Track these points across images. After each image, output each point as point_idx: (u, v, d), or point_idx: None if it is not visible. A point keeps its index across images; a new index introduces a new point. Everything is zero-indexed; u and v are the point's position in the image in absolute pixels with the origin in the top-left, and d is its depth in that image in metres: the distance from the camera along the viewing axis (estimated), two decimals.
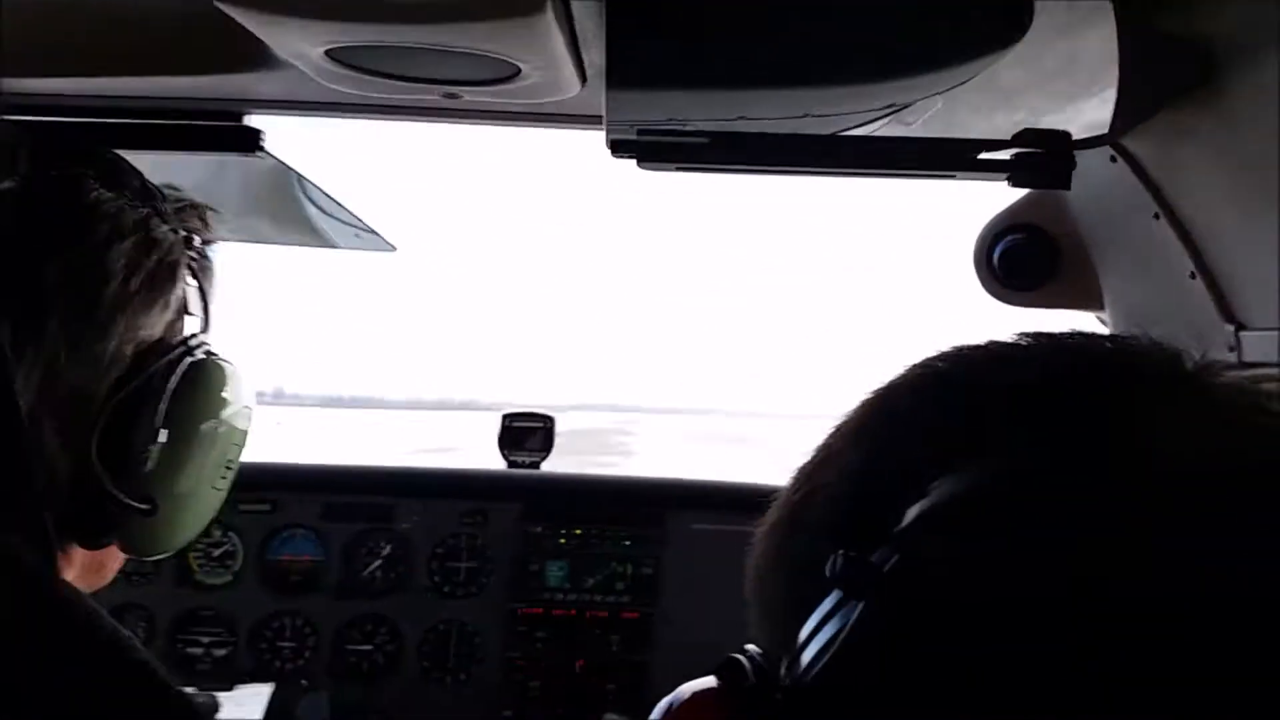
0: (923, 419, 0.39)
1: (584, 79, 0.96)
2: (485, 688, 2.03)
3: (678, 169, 1.05)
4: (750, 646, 0.43)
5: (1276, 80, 0.83)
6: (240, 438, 0.88)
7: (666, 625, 2.03)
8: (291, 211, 1.31)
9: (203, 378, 0.83)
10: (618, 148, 1.01)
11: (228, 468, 0.87)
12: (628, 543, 2.05)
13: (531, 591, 2.05)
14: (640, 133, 1.01)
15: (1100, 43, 0.93)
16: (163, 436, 0.79)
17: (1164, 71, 0.92)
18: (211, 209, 0.91)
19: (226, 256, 0.94)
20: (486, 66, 0.88)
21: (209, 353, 0.85)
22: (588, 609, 2.04)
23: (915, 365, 0.42)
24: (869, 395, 0.42)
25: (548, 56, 0.87)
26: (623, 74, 0.93)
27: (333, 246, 1.43)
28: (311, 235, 1.38)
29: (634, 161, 1.03)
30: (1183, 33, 0.87)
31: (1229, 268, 0.98)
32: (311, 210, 1.30)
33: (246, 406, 0.89)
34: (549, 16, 0.77)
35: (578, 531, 2.06)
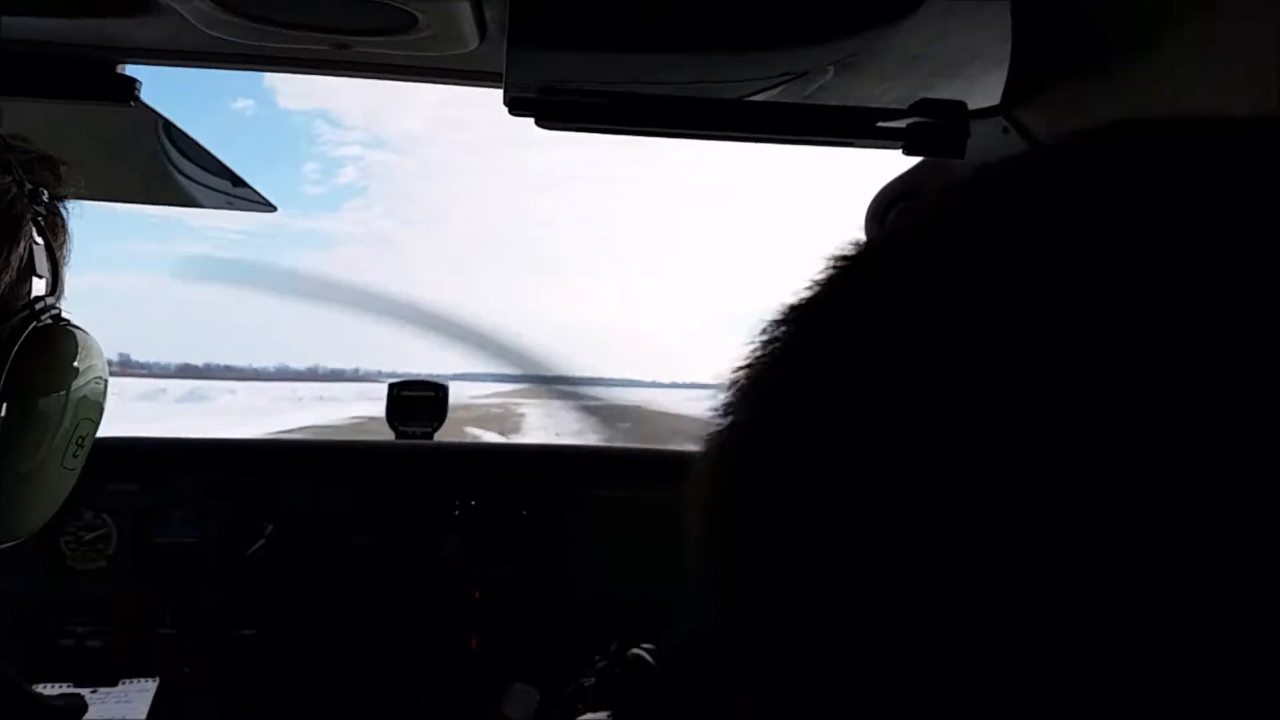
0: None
1: (483, 33, 0.93)
2: (390, 669, 1.98)
3: (577, 129, 1.03)
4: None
5: (1163, 60, 0.86)
6: (94, 412, 0.81)
7: (569, 595, 2.02)
8: (163, 167, 1.23)
9: (50, 345, 0.76)
10: (516, 105, 0.98)
11: (79, 445, 0.79)
12: (525, 513, 2.03)
13: (427, 568, 2.01)
14: (540, 91, 0.98)
15: (993, 13, 0.96)
16: (3, 410, 0.71)
17: (1055, 43, 0.94)
18: (64, 163, 0.83)
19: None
20: (381, 14, 0.84)
21: (57, 318, 0.77)
22: (486, 583, 2.01)
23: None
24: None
25: (446, 6, 0.83)
26: (525, 30, 0.90)
27: (206, 206, 1.35)
28: (184, 193, 1.30)
29: (532, 120, 1.00)
30: (1075, 8, 0.89)
31: None
32: (186, 166, 1.22)
33: (99, 378, 0.81)
34: None
35: (473, 503, 2.02)
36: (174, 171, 1.25)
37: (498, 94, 1.00)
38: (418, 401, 2.10)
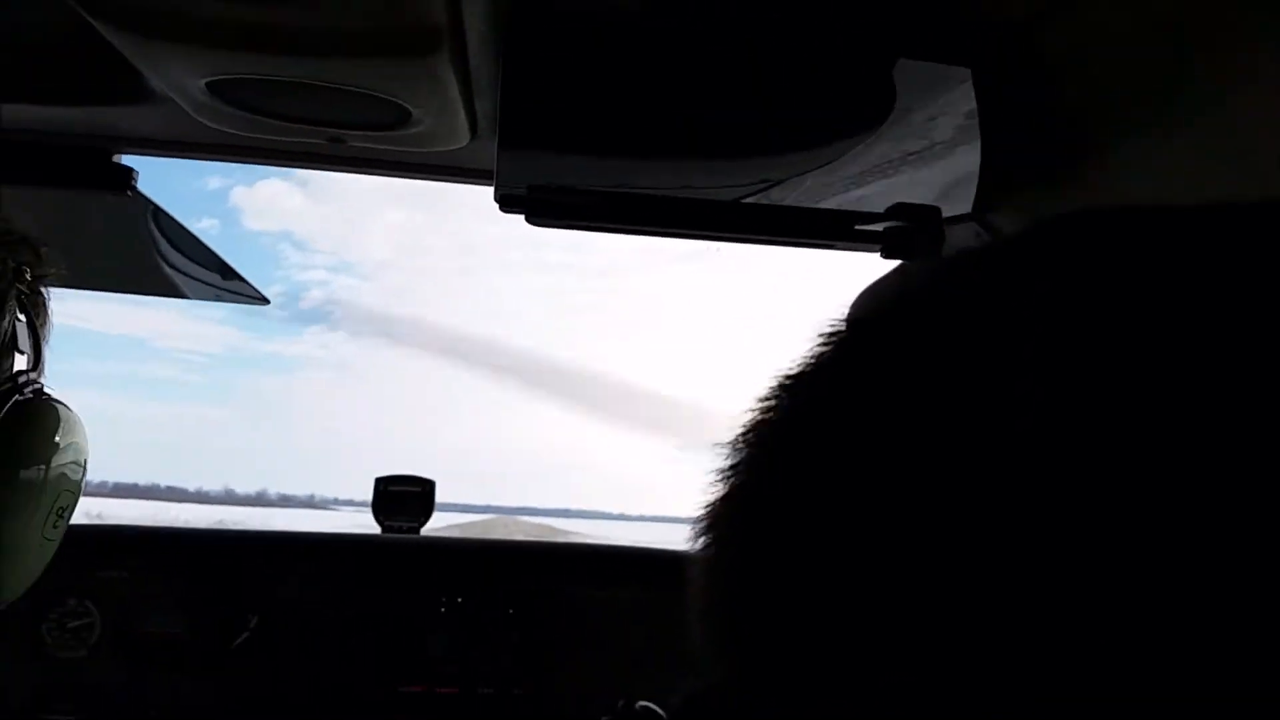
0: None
1: (474, 130, 0.96)
2: None
3: (567, 226, 1.05)
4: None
5: (1130, 165, 0.89)
6: (74, 485, 0.83)
7: (557, 694, 1.96)
8: (156, 257, 1.25)
9: (33, 418, 0.79)
10: (506, 202, 1.01)
11: (59, 515, 0.81)
12: (512, 611, 1.99)
13: (412, 665, 1.96)
14: (530, 189, 1.01)
15: (963, 121, 1.00)
16: None
17: (1026, 150, 0.98)
18: (44, 244, 0.86)
19: None
20: (375, 109, 0.87)
21: (39, 392, 0.80)
22: (473, 684, 1.96)
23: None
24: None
25: (440, 103, 0.87)
26: (516, 128, 0.93)
27: (199, 297, 1.37)
28: (176, 284, 1.32)
29: (522, 216, 1.03)
30: (1042, 111, 0.93)
31: None
32: (179, 257, 1.24)
33: (80, 451, 0.84)
34: (444, 60, 0.77)
35: (459, 600, 1.98)
36: (164, 261, 1.27)
37: (462, 219, 1.04)
38: (405, 496, 2.09)
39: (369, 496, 2.12)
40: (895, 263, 1.27)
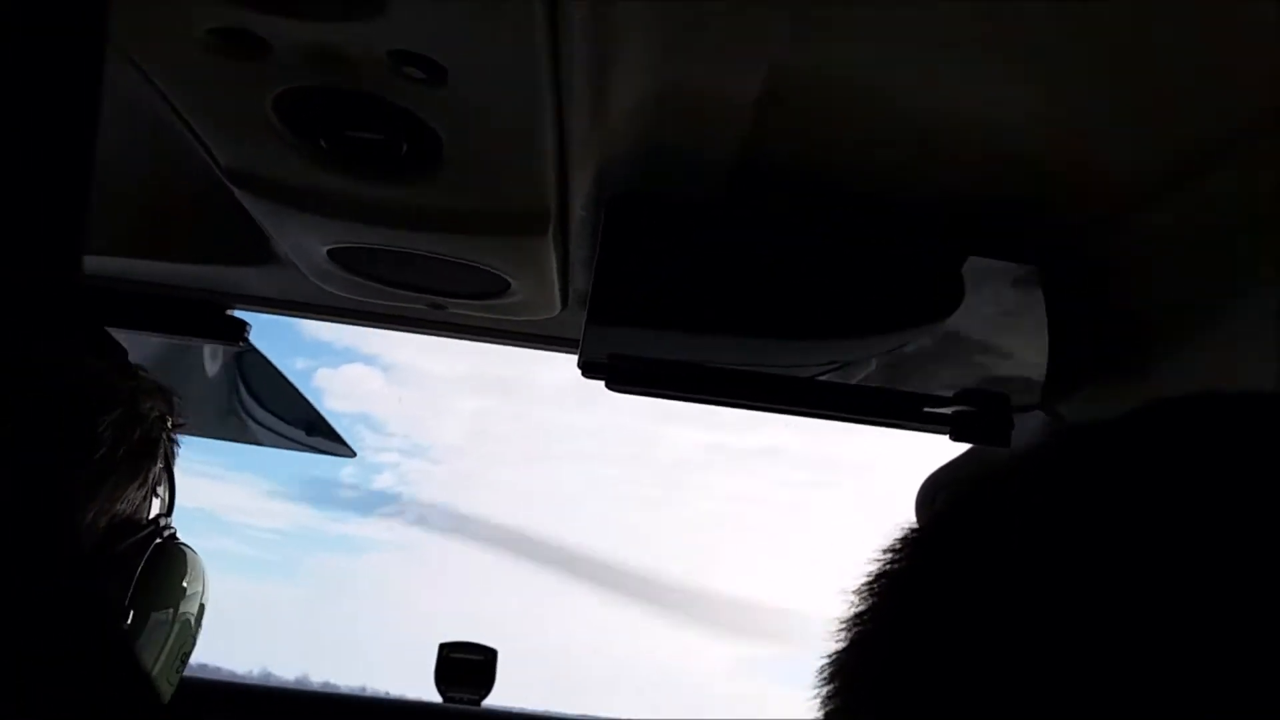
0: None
1: (565, 302, 1.03)
2: None
3: (643, 393, 1.10)
4: None
5: (1198, 360, 0.92)
6: (195, 633, 0.85)
7: None
8: (253, 406, 1.32)
9: (170, 562, 0.81)
10: (589, 369, 1.06)
11: (182, 661, 0.83)
12: None
13: None
14: (611, 357, 1.07)
15: (1030, 316, 1.03)
16: (130, 618, 0.75)
17: (1094, 341, 1.01)
18: (177, 394, 0.92)
19: None
20: (478, 280, 0.93)
21: (173, 537, 0.84)
22: None
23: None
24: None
25: (538, 277, 0.93)
26: (605, 303, 0.99)
27: (288, 447, 1.43)
28: (268, 433, 1.38)
29: (603, 382, 1.08)
30: (1110, 306, 0.97)
31: None
32: (275, 406, 1.31)
33: (203, 598, 0.86)
34: (547, 238, 0.83)
35: None
36: (261, 410, 1.34)
37: (534, 409, 1.09)
38: (466, 665, 2.05)
39: (421, 692, 2.08)
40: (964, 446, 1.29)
